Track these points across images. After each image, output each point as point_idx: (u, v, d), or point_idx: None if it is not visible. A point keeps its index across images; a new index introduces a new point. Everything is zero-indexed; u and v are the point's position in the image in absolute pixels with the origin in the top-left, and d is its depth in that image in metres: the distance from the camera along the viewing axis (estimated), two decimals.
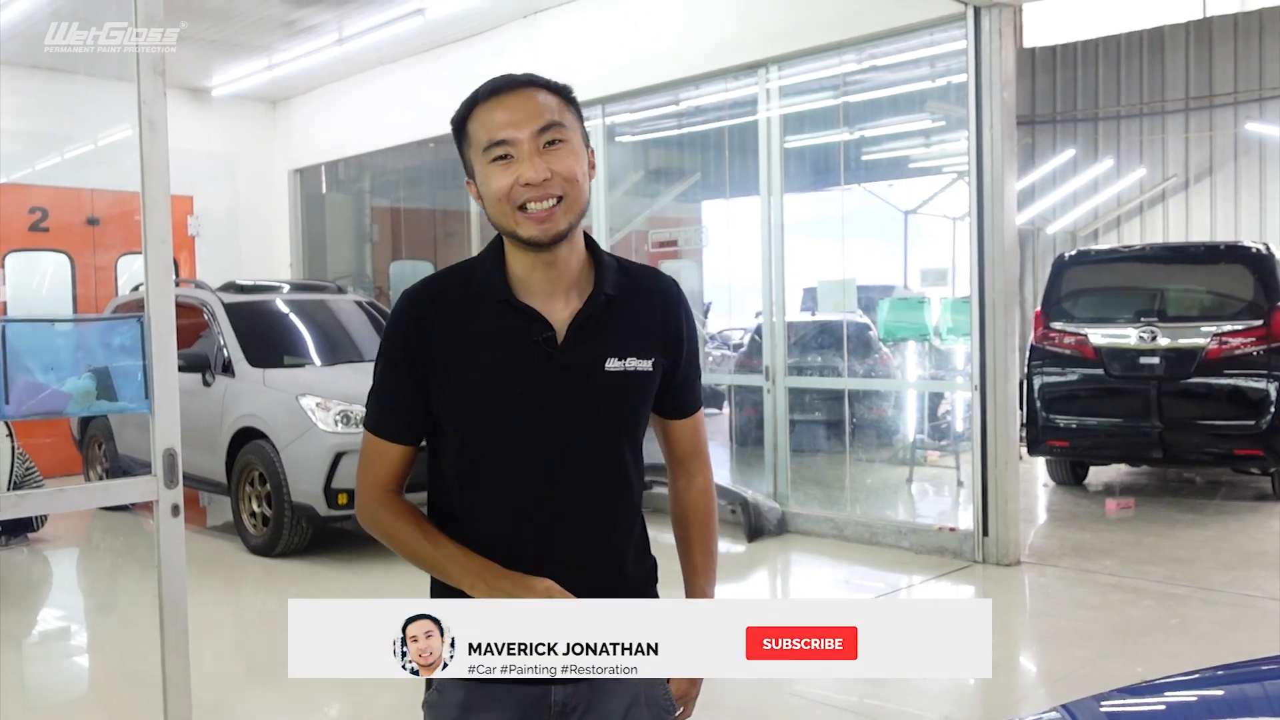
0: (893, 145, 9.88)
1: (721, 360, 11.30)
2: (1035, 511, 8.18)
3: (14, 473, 6.55)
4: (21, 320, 3.00)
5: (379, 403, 1.77)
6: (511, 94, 1.69)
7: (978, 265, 6.40)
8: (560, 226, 1.66)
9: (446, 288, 1.75)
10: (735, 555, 7.00)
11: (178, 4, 8.41)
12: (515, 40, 9.00)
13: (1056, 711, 1.96)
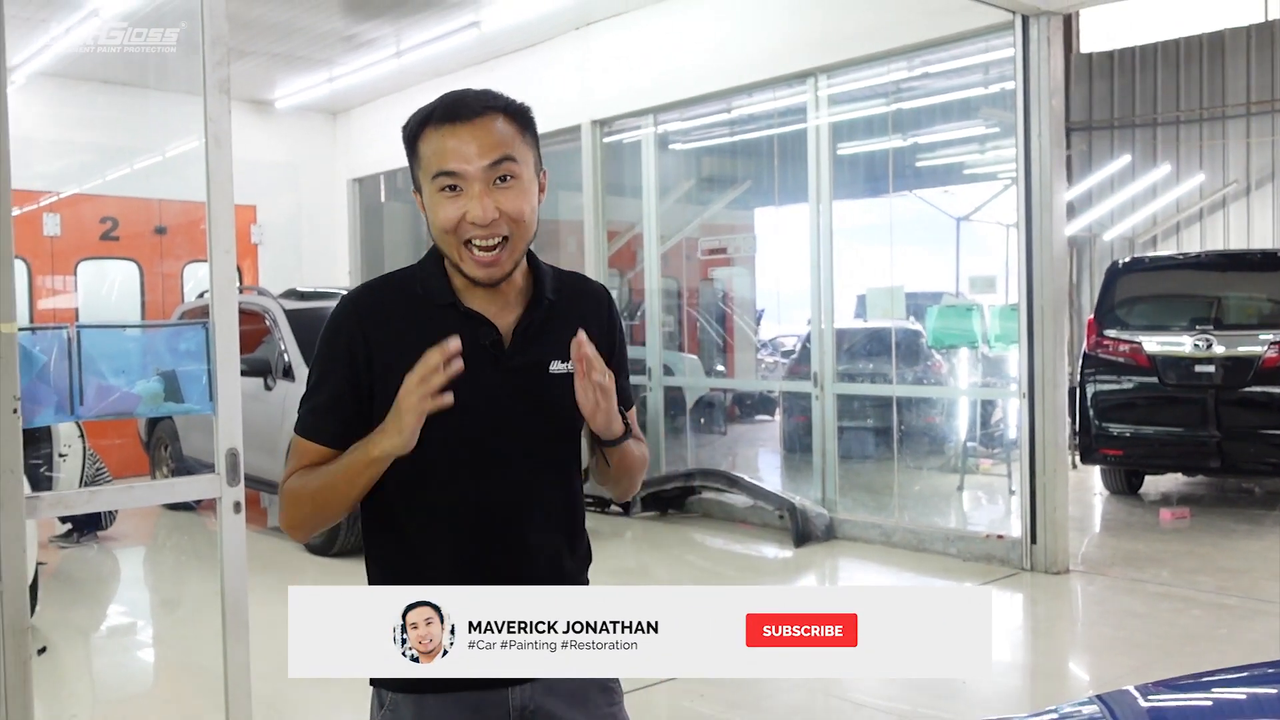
0: (944, 152, 9.86)
1: (774, 367, 11.34)
2: (1088, 520, 8.12)
3: (85, 472, 6.81)
4: (94, 326, 3.17)
5: (315, 406, 1.75)
6: (466, 124, 1.65)
7: (1026, 273, 6.40)
8: (505, 269, 1.68)
9: (389, 293, 1.76)
10: (782, 560, 7.06)
11: (243, 20, 8.71)
12: (568, 51, 9.15)
13: (1092, 701, 1.97)
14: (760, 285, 10.59)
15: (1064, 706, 2.23)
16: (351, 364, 1.70)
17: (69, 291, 10.21)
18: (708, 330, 10.32)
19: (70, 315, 9.96)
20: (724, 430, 10.51)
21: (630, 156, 9.09)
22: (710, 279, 10.26)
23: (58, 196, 10.10)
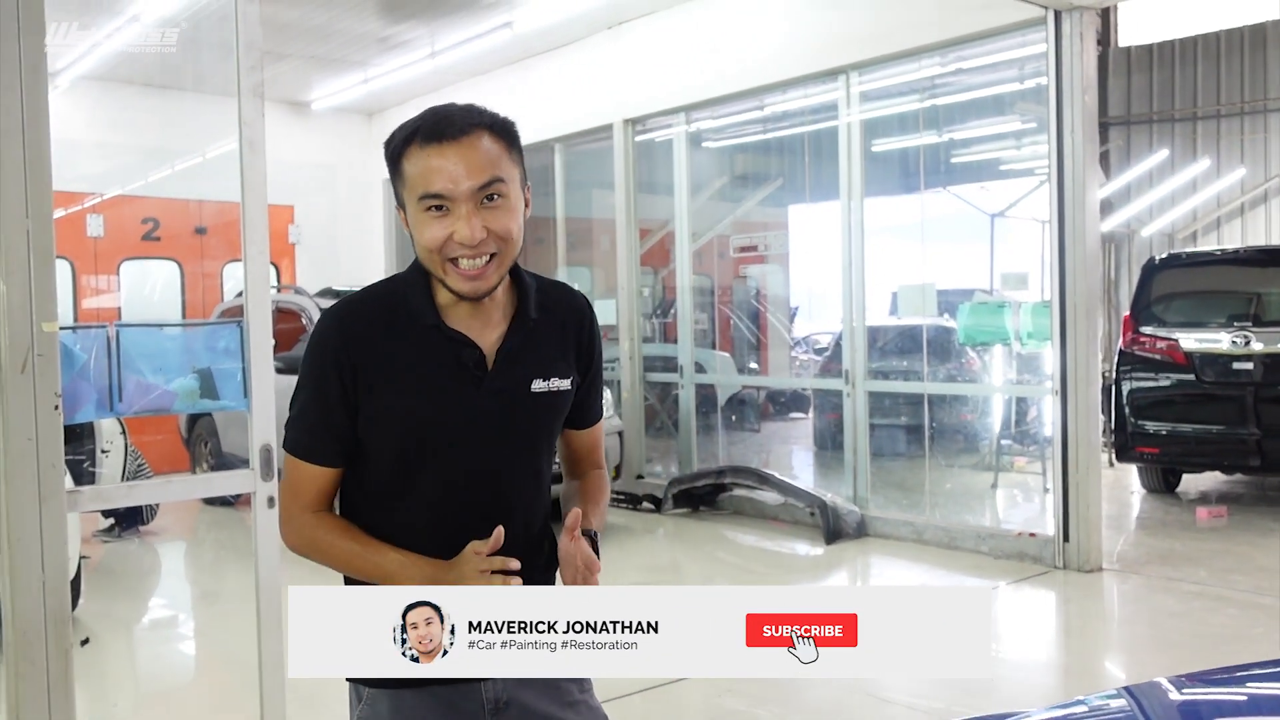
0: (979, 148, 9.82)
1: (808, 364, 11.33)
2: (1124, 519, 8.05)
3: (127, 468, 6.95)
4: (133, 325, 3.25)
5: (305, 426, 1.74)
6: (452, 143, 1.63)
7: (1059, 269, 6.36)
8: (491, 283, 1.68)
9: (373, 310, 1.73)
10: (813, 557, 7.07)
11: (280, 22, 8.84)
12: (600, 51, 9.20)
13: (1120, 694, 1.97)
14: (795, 282, 10.59)
15: (1091, 698, 2.22)
16: (340, 382, 1.70)
17: (112, 291, 10.39)
18: (740, 328, 10.34)
19: (113, 314, 10.14)
20: (757, 427, 10.52)
21: (662, 155, 9.12)
22: (744, 277, 10.27)
23: (101, 198, 10.29)
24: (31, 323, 2.94)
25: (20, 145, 2.95)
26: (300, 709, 3.94)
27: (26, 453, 2.94)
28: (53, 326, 2.98)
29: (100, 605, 6.29)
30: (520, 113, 7.85)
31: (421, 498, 1.73)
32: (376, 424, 1.71)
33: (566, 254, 10.39)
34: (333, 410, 1.71)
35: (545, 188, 10.40)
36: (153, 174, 10.64)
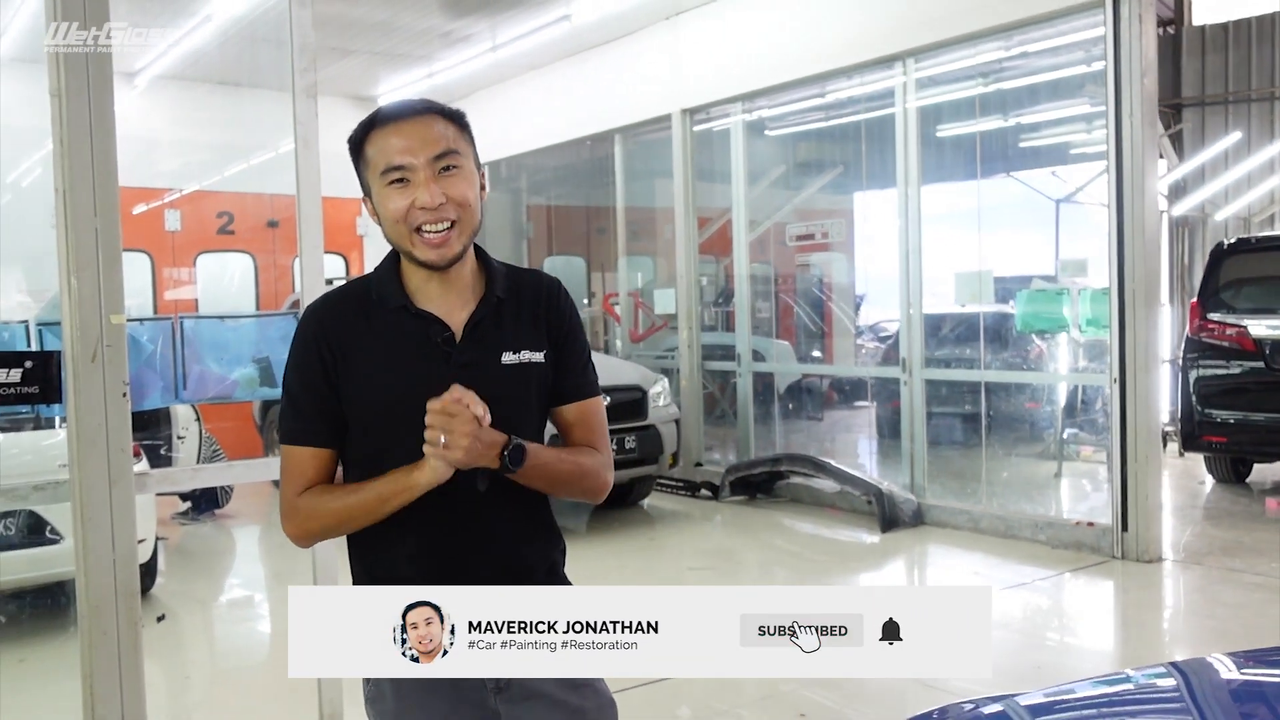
0: (1047, 133, 9.68)
1: (874, 353, 11.28)
2: (1190, 509, 7.93)
3: (201, 453, 7.24)
4: (196, 316, 3.43)
5: (296, 412, 1.83)
6: (408, 121, 1.76)
7: (1117, 255, 6.29)
8: (455, 250, 1.76)
9: (345, 301, 1.84)
10: (869, 545, 7.09)
11: (346, 20, 9.06)
12: (657, 41, 9.27)
13: (1169, 672, 1.99)
14: (859, 270, 10.55)
15: (1138, 677, 2.23)
16: (323, 370, 1.80)
17: (189, 283, 10.76)
18: (802, 316, 10.34)
19: (190, 306, 10.50)
20: (820, 416, 10.51)
21: (720, 144, 9.17)
22: (806, 265, 10.26)
23: (180, 193, 10.65)
24: (101, 315, 3.12)
25: (89, 149, 3.13)
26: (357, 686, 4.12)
27: (97, 437, 3.13)
28: (120, 319, 3.16)
29: (177, 585, 6.58)
30: (579, 104, 8.15)
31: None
32: (354, 405, 1.80)
33: (627, 244, 10.49)
34: (316, 394, 1.80)
35: (606, 178, 10.52)
36: (228, 169, 10.98)
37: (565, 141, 10.72)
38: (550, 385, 1.89)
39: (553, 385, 1.90)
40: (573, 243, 12.38)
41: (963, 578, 6.28)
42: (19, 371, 3.11)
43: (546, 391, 1.89)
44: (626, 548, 7.14)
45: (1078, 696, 2.13)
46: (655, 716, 4.13)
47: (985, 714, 1.95)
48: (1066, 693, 2.16)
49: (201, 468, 4.29)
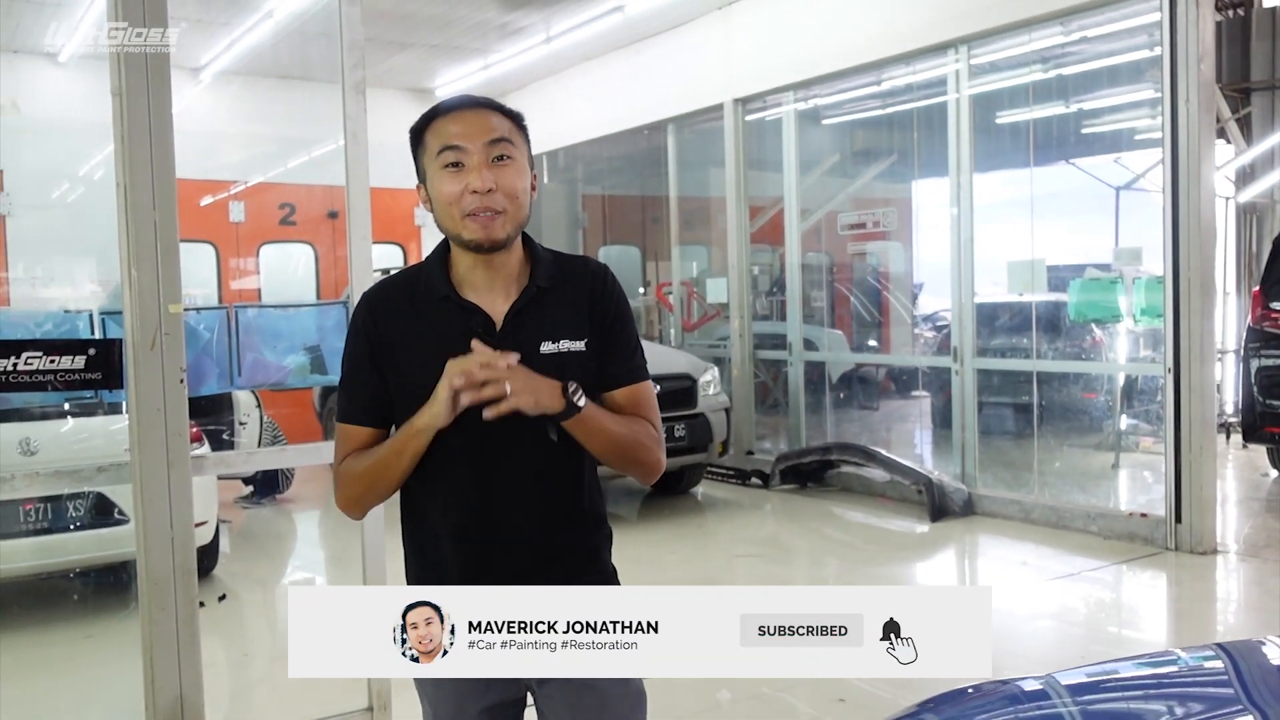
0: (1103, 119, 9.53)
1: (932, 342, 11.20)
2: (1251, 501, 7.79)
3: (263, 438, 7.45)
4: (250, 306, 3.56)
5: (348, 394, 1.93)
6: (469, 111, 1.84)
7: (1172, 244, 6.19)
8: (500, 235, 1.82)
9: (396, 290, 1.92)
10: (918, 535, 7.08)
11: (402, 14, 9.22)
12: (709, 31, 9.29)
13: (1216, 655, 1.99)
14: (915, 259, 10.46)
15: (1186, 659, 2.23)
16: (370, 355, 1.89)
17: (253, 273, 11.03)
18: (856, 305, 10.30)
19: (254, 295, 10.76)
20: (875, 405, 10.46)
21: (772, 133, 9.17)
22: (862, 254, 10.21)
23: (244, 185, 10.92)
24: (159, 304, 3.26)
25: (148, 145, 3.27)
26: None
27: (155, 422, 3.27)
28: (178, 308, 3.30)
29: (239, 566, 6.78)
30: (632, 95, 8.24)
31: (446, 460, 1.84)
32: (399, 390, 1.88)
33: (680, 233, 10.54)
34: (365, 377, 1.90)
35: (659, 168, 10.57)
36: (290, 161, 11.22)
37: (619, 131, 10.78)
38: (596, 372, 1.91)
39: (601, 371, 1.92)
40: (628, 232, 12.45)
41: (1011, 568, 6.25)
42: (83, 358, 3.26)
43: (589, 380, 1.89)
44: (676, 534, 7.21)
45: (1119, 676, 2.14)
46: (696, 696, 4.19)
47: (1025, 690, 1.99)
48: (1109, 672, 2.17)
49: (255, 450, 4.45)
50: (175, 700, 3.37)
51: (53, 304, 9.35)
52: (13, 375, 3.15)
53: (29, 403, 4.46)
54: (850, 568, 6.60)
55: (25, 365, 3.18)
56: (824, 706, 4.10)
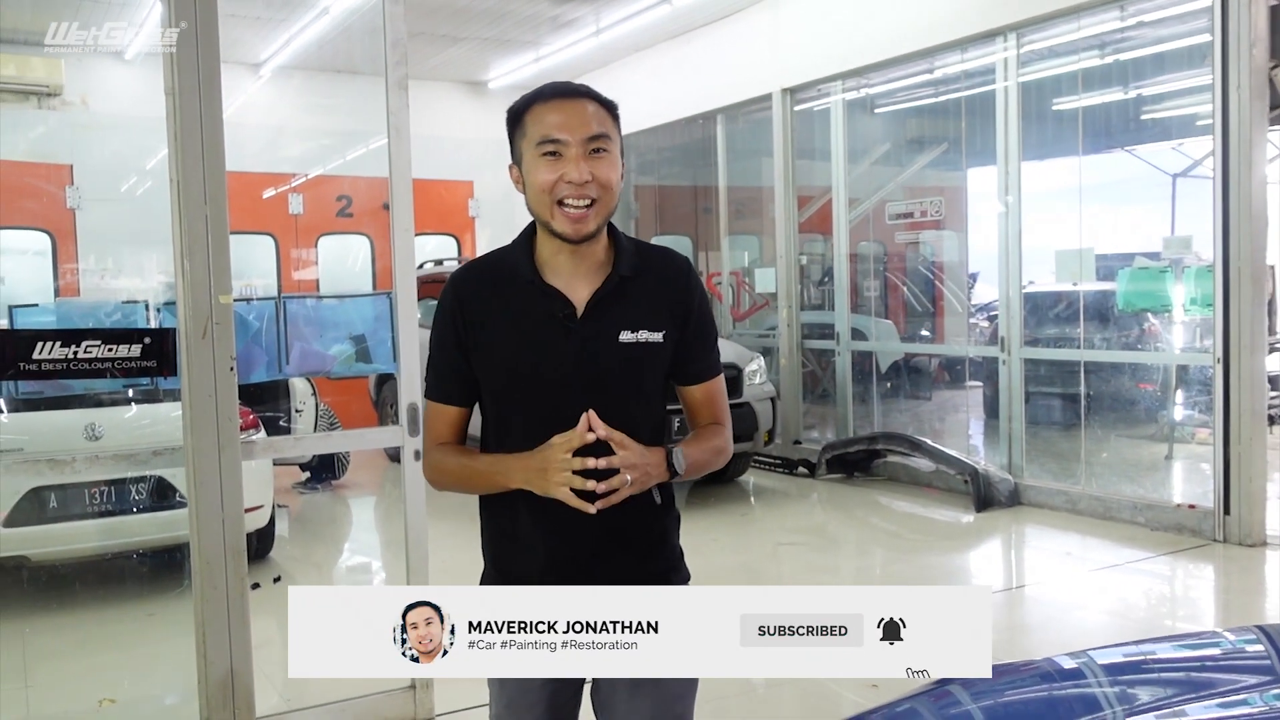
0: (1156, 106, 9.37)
1: (986, 332, 11.10)
2: None
3: (318, 425, 7.65)
4: (297, 296, 3.71)
5: (434, 372, 2.02)
6: (569, 100, 1.89)
7: (1222, 232, 6.12)
8: (590, 228, 1.88)
9: (483, 272, 1.99)
10: (963, 525, 7.07)
11: (455, 8, 9.36)
12: (757, 21, 9.31)
13: (1257, 638, 2.03)
14: (969, 249, 10.37)
15: (1226, 640, 2.24)
16: (456, 334, 1.97)
17: (311, 264, 11.28)
18: (907, 294, 10.25)
19: (312, 286, 11.01)
20: (928, 395, 10.41)
21: (821, 122, 9.17)
22: (915, 243, 10.15)
23: (306, 177, 11.17)
24: (210, 295, 3.41)
25: (199, 141, 3.42)
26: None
27: (207, 408, 3.43)
28: (228, 299, 3.45)
29: (295, 550, 6.99)
30: (681, 85, 8.32)
31: (519, 437, 1.92)
32: (483, 370, 1.96)
33: (730, 223, 10.58)
34: (450, 357, 1.98)
35: (709, 158, 10.61)
36: (348, 154, 11.44)
37: (669, 122, 10.84)
38: (674, 365, 1.99)
39: (680, 365, 2.00)
40: (679, 222, 12.51)
41: (1055, 558, 6.24)
42: (139, 347, 3.42)
43: (662, 370, 1.98)
44: (722, 522, 7.28)
45: (1156, 657, 2.18)
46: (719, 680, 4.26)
47: (1064, 668, 2.03)
48: (1146, 653, 2.21)
49: (305, 435, 4.62)
50: (226, 674, 3.53)
51: (120, 294, 9.68)
52: (73, 363, 3.32)
53: (93, 389, 4.66)
54: (894, 557, 6.62)
55: (85, 354, 3.35)
56: (859, 690, 4.16)
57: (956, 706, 1.89)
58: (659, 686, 1.97)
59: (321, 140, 11.29)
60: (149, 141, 9.77)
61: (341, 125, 11.01)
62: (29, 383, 3.33)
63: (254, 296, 6.90)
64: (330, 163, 11.47)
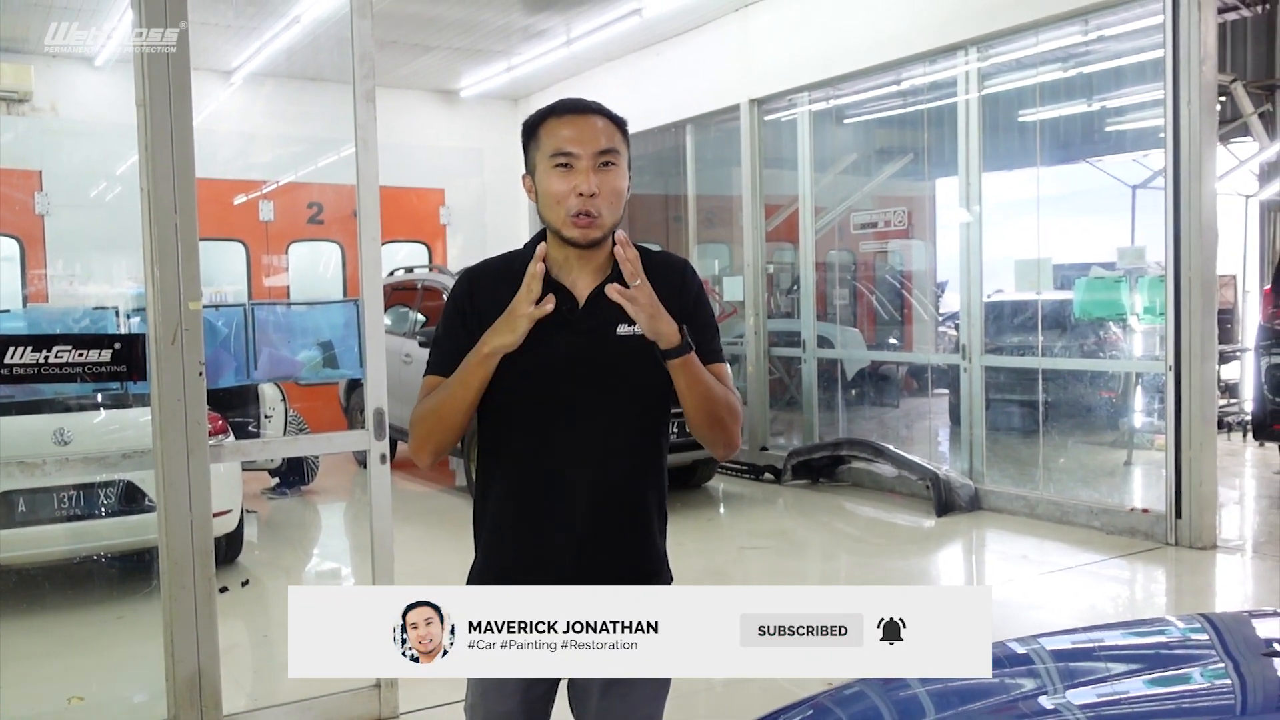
0: (1115, 119, 9.58)
1: (952, 340, 11.25)
2: (1261, 498, 7.85)
3: (287, 431, 7.69)
4: (265, 303, 3.78)
5: (440, 351, 2.10)
6: (581, 116, 2.01)
7: (1174, 242, 6.29)
8: (597, 235, 1.99)
9: (495, 267, 2.12)
10: (925, 529, 7.21)
11: (426, 17, 9.44)
12: (726, 33, 9.44)
13: (1201, 628, 2.14)
14: (935, 258, 10.54)
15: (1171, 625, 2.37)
16: (465, 322, 2.07)
17: (282, 270, 11.31)
18: (873, 302, 10.40)
19: (283, 292, 11.04)
20: (896, 403, 10.56)
21: (788, 133, 9.31)
22: (879, 253, 10.30)
23: (277, 184, 11.19)
24: (180, 302, 3.48)
25: (170, 152, 3.49)
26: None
27: (176, 412, 3.49)
28: (197, 305, 3.51)
29: (264, 554, 7.03)
30: (651, 95, 8.46)
31: (525, 422, 2.03)
32: None
33: (699, 231, 10.70)
34: (458, 336, 2.06)
35: (677, 167, 10.74)
36: (320, 161, 11.48)
37: (640, 131, 10.94)
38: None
39: None
40: (650, 230, 12.62)
41: (1011, 561, 6.38)
42: (109, 352, 3.48)
43: (659, 363, 2.01)
44: (687, 526, 7.38)
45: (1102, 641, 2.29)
46: (703, 680, 4.36)
47: (1013, 653, 2.14)
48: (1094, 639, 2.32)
49: (271, 439, 4.69)
50: (194, 673, 3.59)
51: (89, 300, 9.67)
52: (44, 367, 3.38)
53: (63, 393, 4.70)
54: (857, 560, 6.75)
55: (56, 358, 3.41)
56: None
57: (905, 689, 2.00)
58: (632, 687, 2.06)
59: (293, 147, 11.33)
60: (118, 147, 9.78)
61: (313, 132, 11.05)
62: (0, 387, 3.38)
63: (223, 303, 6.93)
64: (301, 170, 11.50)
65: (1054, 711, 1.76)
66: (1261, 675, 1.83)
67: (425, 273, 9.94)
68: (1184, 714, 1.78)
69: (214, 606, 3.61)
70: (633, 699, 2.07)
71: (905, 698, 1.97)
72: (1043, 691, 1.90)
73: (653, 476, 2.11)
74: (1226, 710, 1.76)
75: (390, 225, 11.77)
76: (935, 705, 1.91)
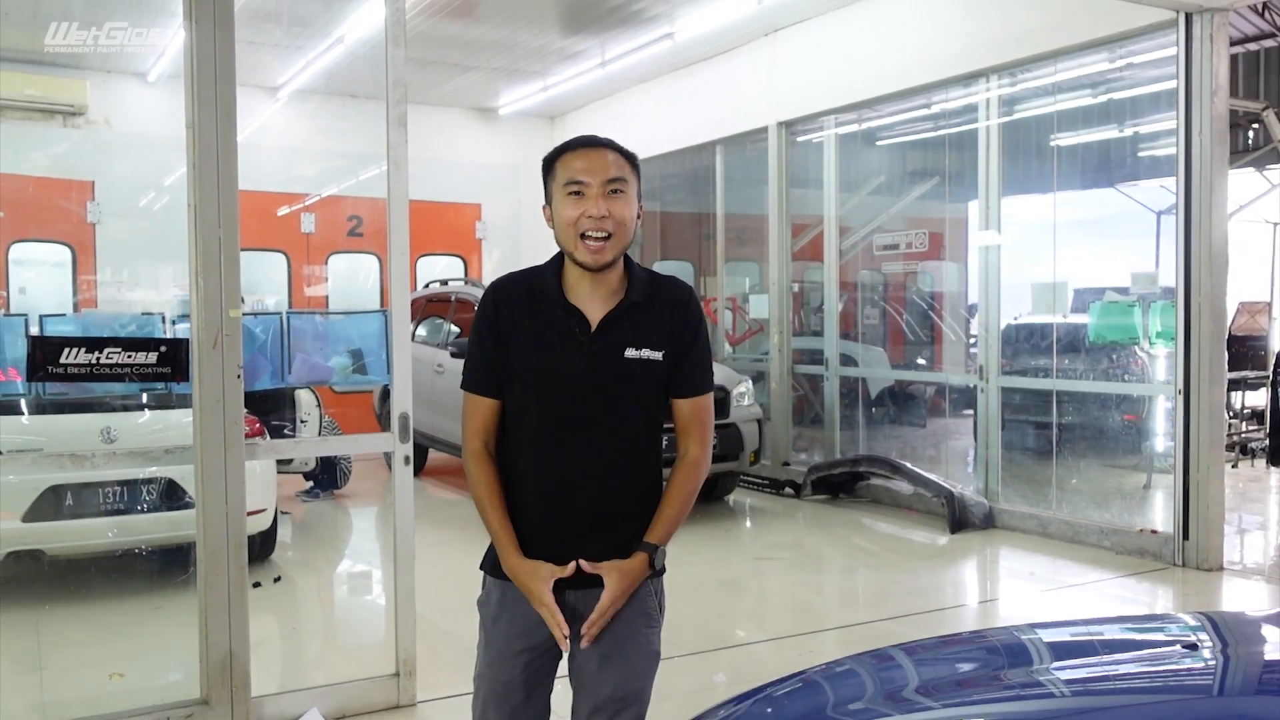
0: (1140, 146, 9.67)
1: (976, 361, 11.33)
2: (1276, 523, 7.91)
3: (322, 433, 7.96)
4: (299, 312, 4.04)
5: (473, 367, 2.33)
6: (593, 149, 2.25)
7: (1185, 268, 6.42)
8: (607, 259, 2.22)
9: (519, 285, 2.31)
10: (938, 546, 7.35)
11: (466, 39, 9.74)
12: (755, 57, 9.67)
13: (1201, 626, 2.27)
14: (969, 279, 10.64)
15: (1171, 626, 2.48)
16: (493, 335, 2.29)
17: (322, 280, 11.64)
18: (902, 323, 10.51)
19: (322, 302, 11.37)
20: (923, 422, 10.65)
21: (815, 155, 9.50)
22: (907, 273, 10.44)
23: (318, 197, 11.54)
24: (221, 309, 3.75)
25: (215, 170, 3.77)
26: (431, 640, 4.67)
27: (215, 411, 3.76)
28: (237, 313, 3.78)
29: (296, 553, 7.30)
30: (682, 116, 8.76)
31: (537, 433, 2.27)
32: (511, 370, 2.29)
33: (728, 249, 10.91)
34: (488, 354, 2.30)
35: (707, 186, 10.96)
36: (361, 174, 11.81)
37: (671, 151, 11.20)
38: (669, 380, 2.32)
39: (675, 380, 2.33)
40: (681, 248, 12.84)
41: (1018, 578, 6.51)
42: (155, 354, 3.76)
43: (661, 384, 2.31)
44: (705, 537, 7.56)
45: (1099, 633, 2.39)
46: (696, 678, 4.54)
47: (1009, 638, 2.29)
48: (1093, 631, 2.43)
49: (304, 439, 4.95)
50: (225, 656, 3.84)
51: (136, 306, 10.05)
52: (96, 367, 3.66)
53: (110, 393, 4.99)
54: (870, 574, 6.90)
55: (107, 359, 3.69)
56: None
57: (893, 666, 2.17)
58: (626, 661, 2.30)
59: (335, 161, 11.67)
60: (167, 159, 10.16)
61: (354, 147, 11.38)
62: (56, 385, 3.67)
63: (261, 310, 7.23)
64: (342, 183, 11.84)
65: (1036, 683, 1.93)
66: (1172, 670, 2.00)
67: (459, 285, 10.22)
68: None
69: (245, 594, 3.87)
70: (627, 671, 2.31)
71: (893, 673, 2.16)
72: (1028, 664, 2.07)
73: (644, 486, 2.35)
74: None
75: (428, 239, 12.19)
76: (920, 679, 2.10)
